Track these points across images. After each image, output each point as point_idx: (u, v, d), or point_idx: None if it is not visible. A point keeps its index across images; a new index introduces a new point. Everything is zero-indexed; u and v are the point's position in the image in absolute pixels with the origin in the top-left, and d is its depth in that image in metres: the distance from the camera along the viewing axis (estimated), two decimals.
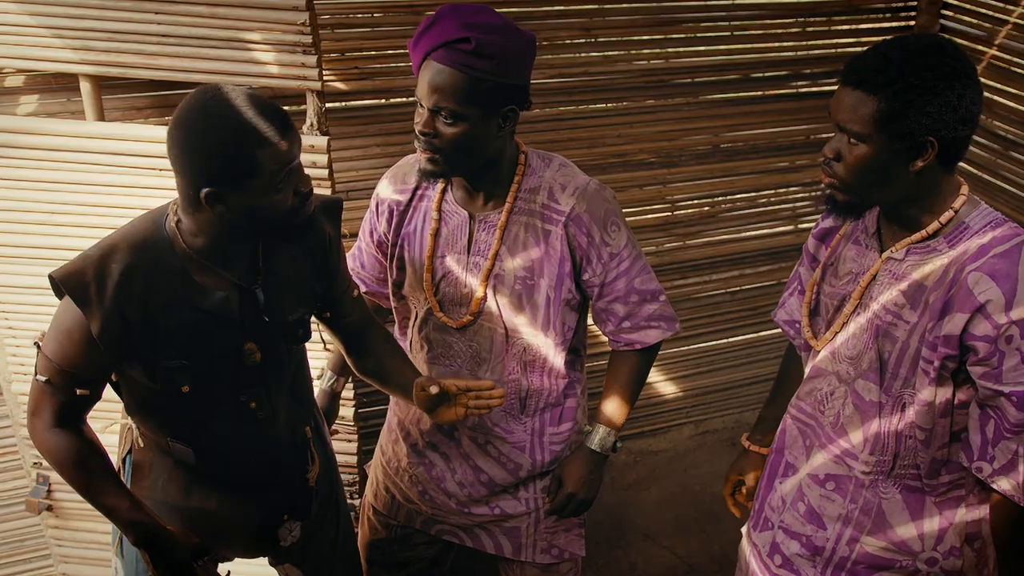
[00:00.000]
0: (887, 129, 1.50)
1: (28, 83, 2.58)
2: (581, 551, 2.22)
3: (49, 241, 2.56)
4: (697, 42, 3.42)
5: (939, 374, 1.58)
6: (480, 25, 1.72)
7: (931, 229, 1.61)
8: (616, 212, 1.96)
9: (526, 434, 2.10)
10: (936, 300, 1.57)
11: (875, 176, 1.56)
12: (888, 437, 1.68)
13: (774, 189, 3.74)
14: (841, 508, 1.77)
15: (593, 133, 3.37)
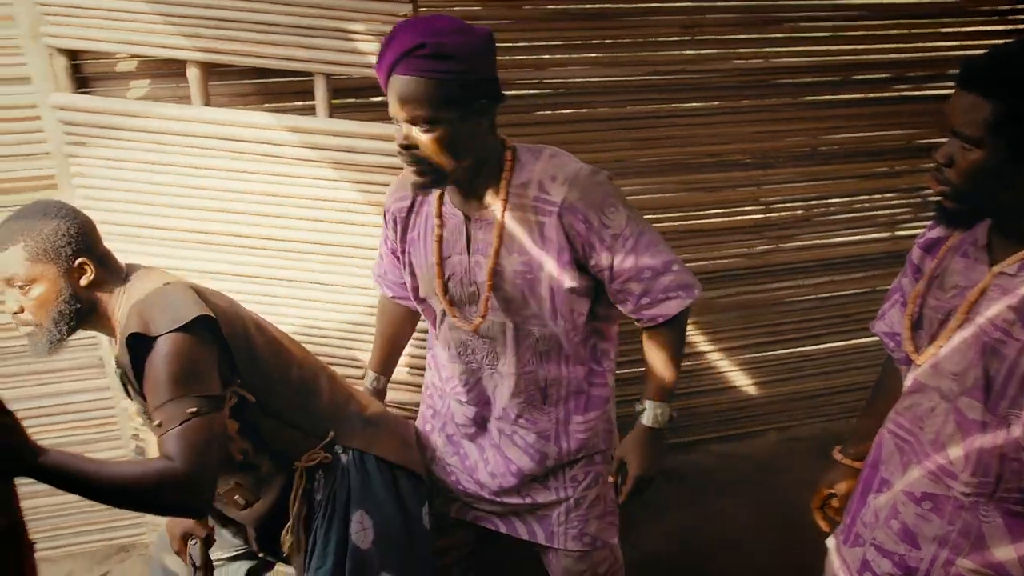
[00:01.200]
0: (1002, 134, 1.45)
1: (139, 68, 2.66)
2: (614, 538, 2.21)
3: (151, 221, 2.65)
4: (799, 42, 3.36)
5: None
6: (432, 29, 1.72)
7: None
8: (612, 193, 1.90)
9: (551, 423, 2.10)
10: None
11: (988, 183, 1.50)
12: (991, 458, 1.61)
13: (871, 195, 3.65)
14: (938, 529, 1.70)
15: (687, 132, 3.34)
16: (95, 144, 2.57)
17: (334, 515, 2.11)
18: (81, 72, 2.61)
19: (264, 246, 2.62)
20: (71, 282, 1.92)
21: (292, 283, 2.66)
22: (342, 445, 2.13)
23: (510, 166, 1.90)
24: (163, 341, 1.82)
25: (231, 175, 2.54)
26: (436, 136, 1.75)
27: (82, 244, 1.93)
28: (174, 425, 1.80)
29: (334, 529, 2.10)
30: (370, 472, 2.13)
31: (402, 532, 2.14)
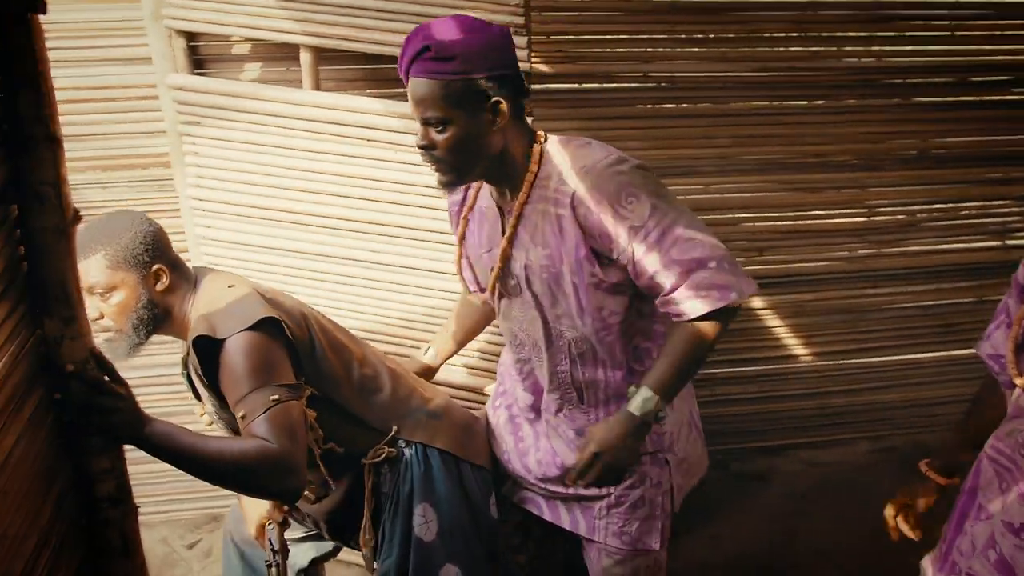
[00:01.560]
0: None
1: (253, 51, 2.73)
2: (655, 544, 2.11)
3: (258, 201, 2.71)
4: (913, 41, 3.26)
5: None
6: (439, 31, 1.75)
7: None
8: (633, 183, 1.81)
9: (590, 422, 2.07)
10: None
11: None
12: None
13: (982, 201, 3.54)
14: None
15: (793, 130, 3.28)
16: (208, 124, 2.64)
17: (398, 508, 2.14)
18: (198, 54, 2.68)
19: (367, 230, 2.66)
20: (148, 288, 2.00)
21: (393, 268, 2.69)
22: (405, 439, 2.15)
23: (537, 159, 1.89)
24: (234, 340, 1.88)
25: (338, 159, 2.58)
26: (449, 135, 1.79)
27: (157, 251, 2.02)
28: (259, 412, 1.85)
29: (398, 522, 2.14)
30: (433, 465, 2.15)
31: (468, 523, 2.17)
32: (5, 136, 1.47)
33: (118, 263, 1.97)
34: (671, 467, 2.10)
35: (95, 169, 2.89)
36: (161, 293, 2.02)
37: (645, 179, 1.83)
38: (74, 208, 1.58)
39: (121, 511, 1.79)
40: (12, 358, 1.49)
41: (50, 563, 1.60)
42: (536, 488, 2.22)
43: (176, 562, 3.18)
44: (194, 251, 2.87)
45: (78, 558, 1.73)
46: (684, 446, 2.13)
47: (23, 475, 1.52)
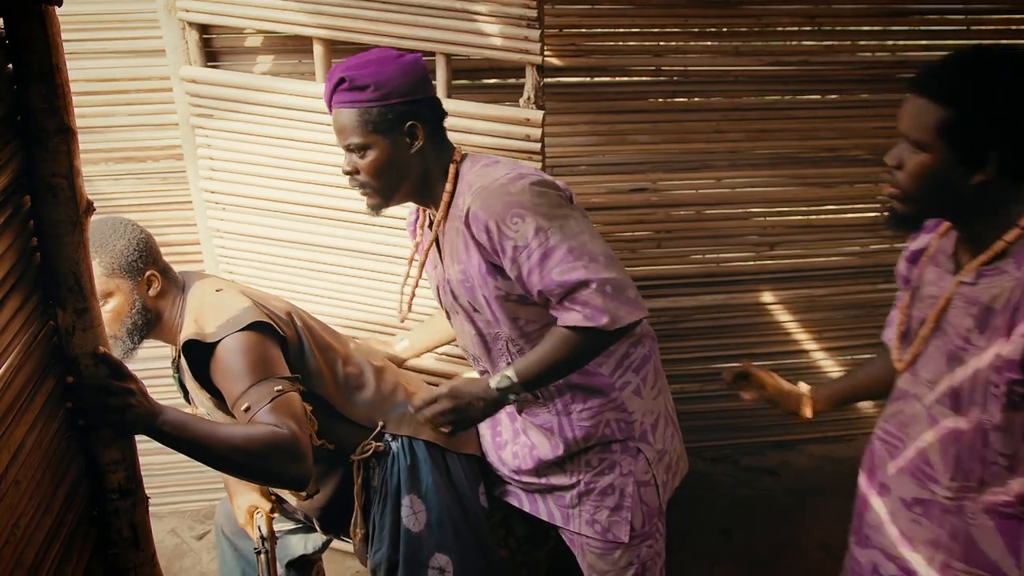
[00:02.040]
0: (948, 138, 1.48)
1: (265, 44, 2.73)
2: (624, 536, 2.13)
3: (269, 193, 2.72)
4: (928, 35, 3.24)
5: (1010, 400, 1.54)
6: (353, 64, 1.90)
7: (997, 249, 1.55)
8: (521, 203, 1.83)
9: (551, 415, 2.11)
10: (1002, 323, 1.52)
11: (935, 186, 1.53)
12: (971, 463, 1.63)
13: None
14: (930, 532, 1.72)
15: (806, 125, 3.26)
16: (221, 116, 2.64)
17: (387, 501, 2.18)
18: (211, 46, 2.69)
19: (379, 223, 2.66)
20: (141, 294, 2.04)
21: (403, 261, 2.69)
22: (391, 434, 2.19)
23: (452, 178, 1.97)
24: (229, 340, 1.93)
25: None
26: (369, 161, 1.92)
27: (149, 257, 2.06)
28: (264, 404, 1.88)
29: (387, 514, 2.18)
30: (419, 457, 2.19)
31: (456, 513, 2.20)
32: (19, 128, 1.47)
33: (113, 270, 2.01)
34: (648, 459, 2.12)
35: (107, 161, 2.90)
36: (153, 299, 2.07)
37: (536, 199, 1.85)
38: (87, 199, 1.58)
39: (131, 502, 1.80)
40: (25, 348, 1.50)
41: (61, 553, 1.61)
42: (512, 481, 2.26)
43: (185, 553, 3.20)
44: (206, 244, 2.88)
45: (88, 548, 1.74)
46: (662, 438, 2.15)
47: (35, 465, 1.53)
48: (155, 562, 1.90)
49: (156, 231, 2.91)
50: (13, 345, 1.46)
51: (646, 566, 2.19)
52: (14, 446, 1.45)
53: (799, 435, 3.75)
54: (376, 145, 1.90)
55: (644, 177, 3.23)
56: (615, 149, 3.18)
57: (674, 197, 3.29)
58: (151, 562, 1.88)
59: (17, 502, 1.46)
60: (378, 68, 1.89)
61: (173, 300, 2.09)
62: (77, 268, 1.57)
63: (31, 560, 1.50)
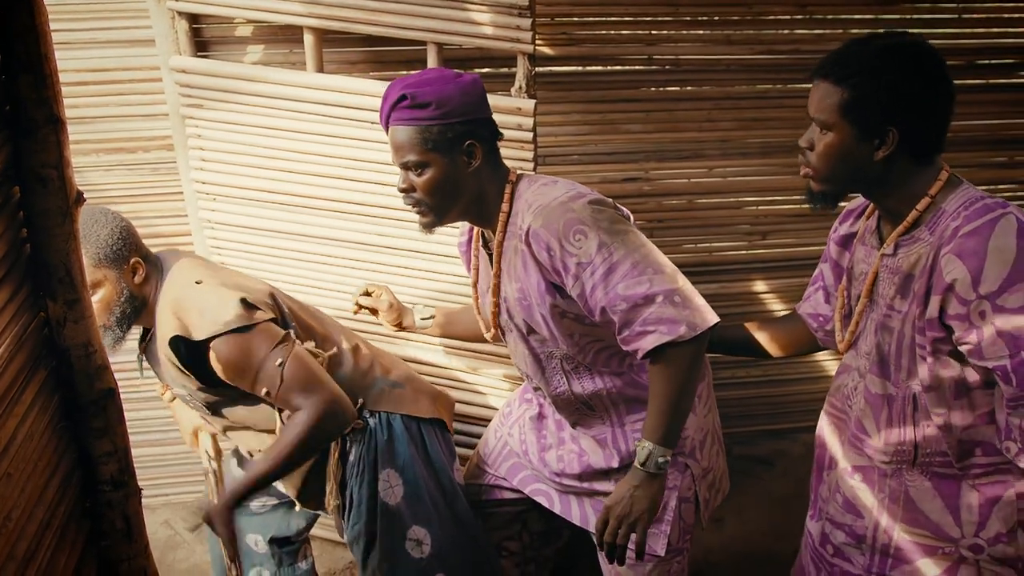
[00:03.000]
0: (850, 118, 1.60)
1: (255, 33, 2.71)
2: (661, 550, 2.11)
3: (260, 184, 2.71)
4: (919, 24, 3.24)
5: (935, 358, 1.63)
6: (413, 82, 1.90)
7: (911, 219, 1.65)
8: (583, 220, 1.84)
9: (606, 427, 2.12)
10: (920, 287, 1.62)
11: (843, 164, 1.64)
12: (904, 427, 1.73)
13: (986, 185, 3.51)
14: (872, 498, 1.83)
15: (798, 114, 3.23)
16: (211, 107, 2.63)
17: (364, 475, 2.23)
18: (201, 36, 2.67)
19: (370, 212, 2.66)
20: (127, 282, 2.08)
21: (395, 251, 2.69)
22: (370, 410, 2.25)
23: (508, 198, 1.97)
24: (219, 344, 2.01)
25: (342, 141, 2.57)
26: (427, 178, 1.91)
27: (132, 245, 2.10)
28: (278, 383, 2.01)
29: (364, 488, 2.23)
30: (396, 432, 2.25)
31: (432, 487, 2.27)
32: (8, 118, 1.46)
33: (99, 260, 2.04)
34: (694, 475, 2.11)
35: (97, 152, 2.88)
36: (139, 285, 2.10)
37: (597, 215, 1.86)
38: (77, 190, 1.58)
39: (123, 494, 1.80)
40: (15, 340, 1.49)
41: (53, 545, 1.61)
42: (551, 481, 2.24)
43: (179, 545, 3.20)
44: (197, 235, 2.87)
45: (81, 540, 1.74)
46: (708, 455, 2.15)
47: (26, 457, 1.52)
48: (148, 554, 1.90)
49: (147, 222, 2.93)
50: (4, 337, 1.45)
51: (670, 572, 2.18)
52: (5, 438, 1.45)
53: (792, 424, 3.75)
54: (434, 163, 1.89)
55: (636, 166, 3.23)
56: (607, 138, 3.18)
57: (666, 186, 3.28)
58: (144, 554, 1.89)
59: (9, 494, 1.45)
60: (440, 87, 1.88)
61: (155, 284, 2.13)
62: (67, 259, 1.57)
63: (23, 552, 1.49)
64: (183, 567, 3.10)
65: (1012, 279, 1.49)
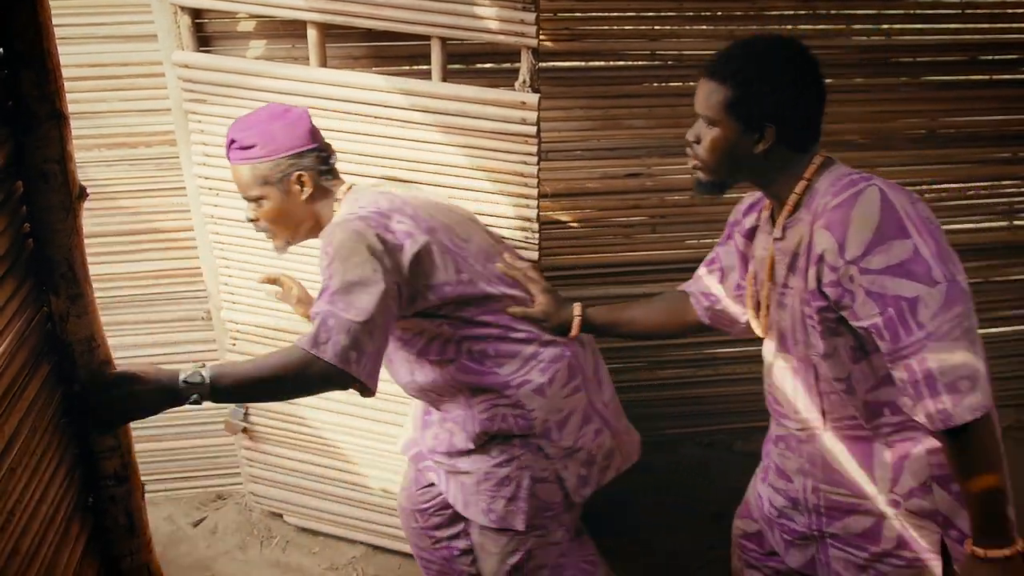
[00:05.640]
0: (732, 114, 1.71)
1: (258, 28, 2.71)
2: (520, 525, 2.24)
3: None
4: (922, 19, 3.23)
5: (825, 326, 1.73)
6: (240, 125, 2.13)
7: (792, 202, 1.76)
8: (331, 242, 1.99)
9: (460, 409, 2.25)
10: (803, 262, 1.73)
11: (727, 157, 1.76)
12: (809, 395, 1.86)
13: (989, 181, 3.51)
14: (795, 463, 1.96)
15: None
16: (214, 102, 2.62)
17: None
18: (204, 31, 2.66)
19: None
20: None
21: None
22: None
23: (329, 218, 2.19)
24: None
25: (346, 136, 2.57)
26: (266, 210, 2.15)
27: None
28: None
29: None
30: None
31: None
32: (10, 113, 1.46)
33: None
34: (549, 455, 2.20)
35: (99, 147, 2.88)
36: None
37: (345, 240, 1.98)
38: (80, 185, 1.58)
39: (126, 489, 1.80)
40: (18, 335, 1.49)
41: (57, 540, 1.61)
42: (431, 459, 2.39)
43: (181, 540, 3.20)
44: (200, 230, 2.87)
45: (85, 535, 1.74)
46: (574, 435, 2.22)
47: (29, 453, 1.52)
48: (151, 549, 1.91)
49: (149, 217, 2.93)
50: (7, 332, 1.46)
51: (532, 554, 2.29)
52: (9, 433, 1.45)
53: None
54: (269, 196, 2.12)
55: (639, 162, 3.22)
56: (610, 134, 3.17)
57: (669, 182, 3.28)
58: (147, 548, 1.89)
59: (12, 489, 1.46)
60: (263, 127, 2.11)
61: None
62: (70, 254, 1.57)
63: (27, 547, 1.50)
64: (186, 562, 3.11)
65: (875, 242, 1.59)
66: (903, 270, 1.57)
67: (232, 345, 2.96)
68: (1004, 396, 3.84)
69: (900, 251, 1.57)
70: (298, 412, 3.00)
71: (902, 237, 1.58)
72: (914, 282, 1.56)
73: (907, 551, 1.81)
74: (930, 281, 1.56)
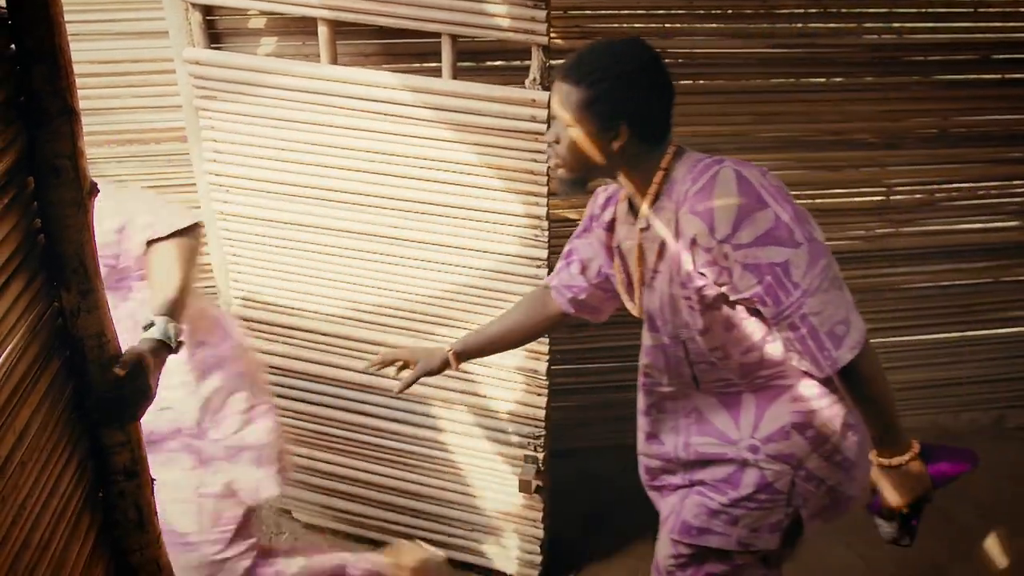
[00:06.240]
0: (587, 113, 1.78)
1: (268, 25, 2.71)
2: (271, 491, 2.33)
3: (273, 175, 2.71)
4: (934, 18, 3.22)
5: (704, 304, 1.83)
6: None
7: (652, 192, 1.85)
8: None
9: None
10: (672, 247, 1.82)
11: (585, 155, 1.83)
12: (680, 367, 1.98)
13: (1001, 181, 3.50)
14: (668, 423, 2.09)
15: (811, 108, 3.25)
16: (224, 98, 2.63)
17: None
18: (215, 28, 2.67)
19: (384, 204, 2.66)
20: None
21: (409, 243, 2.69)
22: None
23: None
24: None
25: (355, 133, 2.58)
26: None
27: None
28: None
29: None
30: None
31: None
32: (22, 109, 1.46)
33: None
34: None
35: (110, 143, 2.89)
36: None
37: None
38: (91, 181, 1.58)
39: (136, 483, 1.80)
40: (29, 331, 1.50)
41: (67, 535, 1.61)
42: None
43: None
44: (210, 226, 2.87)
45: (95, 530, 1.74)
46: None
47: (39, 447, 1.53)
48: (160, 544, 1.91)
49: None
50: (18, 327, 1.46)
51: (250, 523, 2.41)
52: (19, 427, 1.45)
53: None
54: None
55: None
56: None
57: None
58: (156, 543, 1.89)
59: (23, 483, 1.46)
60: None
61: None
62: (81, 249, 1.57)
63: (37, 541, 1.50)
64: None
65: (740, 218, 1.69)
66: (770, 238, 1.69)
67: None
68: (1016, 397, 3.83)
69: (764, 221, 1.69)
70: (308, 409, 3.01)
71: (762, 208, 1.69)
72: (781, 247, 1.69)
73: (762, 494, 1.97)
74: (794, 243, 1.69)
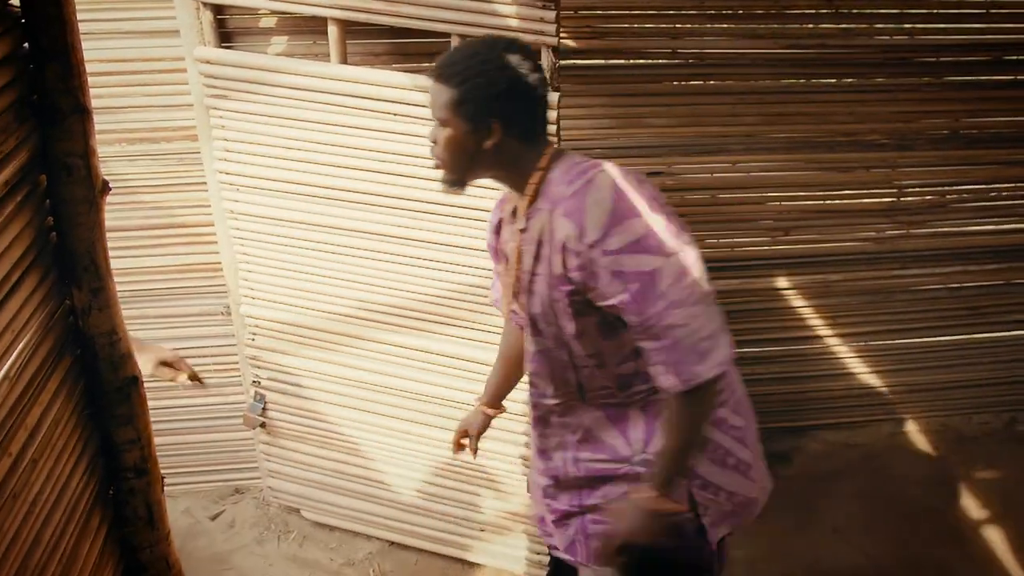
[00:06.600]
0: (458, 113, 1.76)
1: (279, 25, 2.72)
2: None
3: (284, 174, 2.71)
4: (946, 19, 3.21)
5: (575, 308, 1.80)
6: None
7: (530, 193, 1.82)
8: None
9: None
10: (547, 251, 1.79)
11: (460, 154, 1.81)
12: (565, 372, 1.93)
13: (1013, 183, 3.49)
14: (554, 438, 2.03)
15: (822, 109, 3.24)
16: (235, 97, 2.64)
17: None
18: (225, 27, 2.68)
19: (393, 204, 2.66)
20: None
21: (419, 243, 2.69)
22: None
23: None
24: None
25: (365, 133, 2.58)
26: None
27: None
28: None
29: None
30: None
31: None
32: (35, 107, 1.47)
33: None
34: None
35: (121, 142, 2.90)
36: None
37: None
38: (103, 179, 1.59)
39: (146, 481, 1.81)
40: (41, 328, 1.51)
41: (77, 531, 1.62)
42: None
43: (199, 533, 3.22)
44: (220, 225, 2.88)
45: (105, 527, 1.75)
46: None
47: (51, 444, 1.54)
48: (170, 541, 1.92)
49: (170, 211, 2.94)
50: (30, 324, 1.47)
51: None
52: (31, 425, 1.46)
53: (811, 421, 3.74)
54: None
55: (659, 160, 3.21)
56: (630, 132, 3.16)
57: (689, 181, 3.27)
58: (166, 540, 1.90)
59: (35, 480, 1.47)
60: None
61: None
62: (93, 247, 1.58)
63: (48, 537, 1.51)
64: (204, 555, 3.12)
65: (610, 224, 1.67)
66: (640, 246, 1.68)
67: (251, 340, 2.97)
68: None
69: (635, 229, 1.68)
70: (316, 408, 3.01)
71: (634, 216, 1.69)
72: (651, 255, 1.68)
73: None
74: (665, 253, 1.68)
